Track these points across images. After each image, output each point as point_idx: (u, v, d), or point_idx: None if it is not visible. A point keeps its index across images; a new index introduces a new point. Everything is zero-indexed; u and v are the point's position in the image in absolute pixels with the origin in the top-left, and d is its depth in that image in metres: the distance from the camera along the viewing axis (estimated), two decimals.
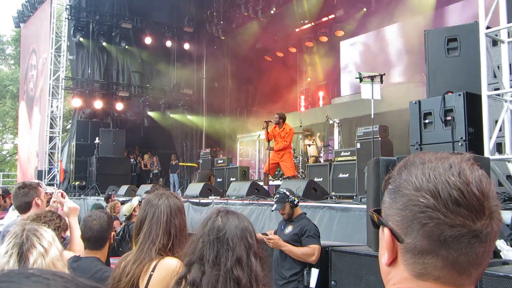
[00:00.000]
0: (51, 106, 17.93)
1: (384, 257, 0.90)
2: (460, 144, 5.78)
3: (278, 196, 4.53)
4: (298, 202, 4.55)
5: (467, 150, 5.64)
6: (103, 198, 12.04)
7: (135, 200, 6.62)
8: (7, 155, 37.20)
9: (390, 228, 0.88)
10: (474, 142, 5.68)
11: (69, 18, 17.95)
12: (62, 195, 3.62)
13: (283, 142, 9.73)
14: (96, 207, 6.82)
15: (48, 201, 4.09)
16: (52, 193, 4.22)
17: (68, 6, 17.91)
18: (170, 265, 2.13)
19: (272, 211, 4.71)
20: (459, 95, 5.85)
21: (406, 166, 0.89)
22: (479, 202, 0.81)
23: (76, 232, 3.22)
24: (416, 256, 0.84)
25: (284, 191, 4.52)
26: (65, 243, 3.08)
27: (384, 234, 0.90)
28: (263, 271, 1.68)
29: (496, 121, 5.05)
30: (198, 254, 1.66)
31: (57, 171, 17.49)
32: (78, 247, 3.09)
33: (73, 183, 16.25)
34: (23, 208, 3.58)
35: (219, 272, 1.61)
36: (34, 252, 1.77)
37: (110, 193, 10.71)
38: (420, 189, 0.83)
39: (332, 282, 4.30)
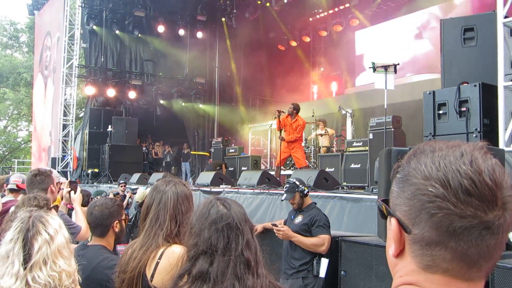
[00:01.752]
0: (65, 94, 18.05)
1: (391, 248, 0.88)
2: (474, 135, 5.69)
3: (288, 185, 4.51)
4: (308, 192, 4.52)
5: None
6: (116, 186, 12.17)
7: (148, 188, 6.69)
8: (22, 143, 37.69)
9: (398, 218, 0.85)
10: (489, 134, 5.59)
11: (83, 6, 18.03)
12: (70, 191, 3.66)
13: (295, 134, 9.68)
14: (97, 194, 6.85)
15: (58, 190, 4.13)
16: (62, 182, 4.26)
17: None
18: (177, 253, 2.12)
19: (282, 200, 4.69)
20: (475, 85, 5.75)
21: (415, 154, 0.85)
22: (492, 192, 0.77)
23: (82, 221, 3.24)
24: (424, 247, 0.82)
25: (294, 180, 4.50)
26: (72, 232, 3.10)
27: (392, 225, 0.87)
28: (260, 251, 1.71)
29: None
30: (204, 246, 1.62)
31: (71, 158, 17.66)
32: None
33: (86, 170, 16.41)
34: None
35: (230, 258, 1.59)
36: (39, 238, 1.77)
37: (120, 182, 10.83)
38: (429, 177, 0.80)
39: (342, 272, 4.28)
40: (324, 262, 4.22)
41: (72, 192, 3.58)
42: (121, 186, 10.16)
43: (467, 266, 0.80)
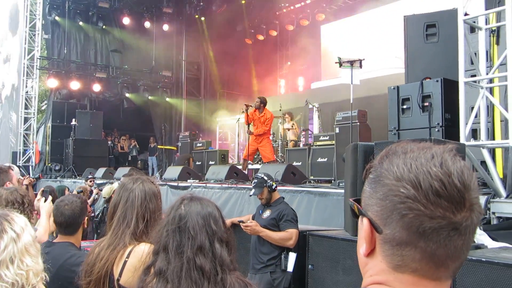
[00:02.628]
0: (26, 86, 17.49)
1: (362, 247, 0.89)
2: (436, 130, 5.85)
3: (256, 181, 4.53)
4: (276, 186, 4.55)
5: (443, 136, 5.72)
6: (80, 181, 11.93)
7: (115, 183, 6.57)
8: None
9: (369, 218, 0.86)
10: (450, 128, 5.76)
11: None
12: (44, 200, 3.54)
13: (263, 127, 9.72)
14: (59, 189, 6.68)
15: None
16: (25, 178, 4.15)
17: None
18: (145, 251, 2.11)
19: (250, 196, 4.71)
20: (437, 81, 5.91)
21: (387, 155, 0.87)
22: (460, 194, 0.80)
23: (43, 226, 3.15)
24: (394, 247, 0.83)
25: (262, 175, 4.52)
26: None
27: (363, 225, 0.88)
28: (230, 256, 1.67)
29: (472, 108, 5.11)
30: (163, 243, 1.66)
31: (33, 152, 17.16)
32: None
33: (49, 165, 16.00)
34: None
35: (182, 262, 1.60)
36: (5, 237, 1.73)
37: (88, 176, 10.61)
38: (401, 179, 0.81)
39: (309, 266, 4.33)
40: (292, 256, 4.27)
41: (42, 199, 3.49)
42: (90, 181, 9.93)
43: (435, 266, 0.82)
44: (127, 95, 18.64)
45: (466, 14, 5.44)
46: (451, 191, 0.80)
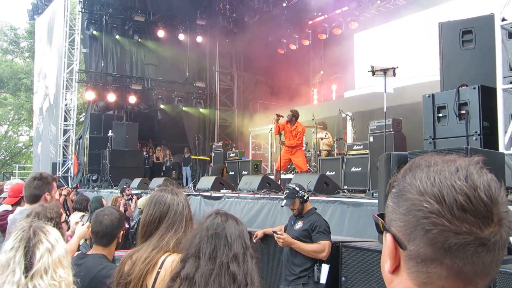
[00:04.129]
0: (65, 99, 18.06)
1: (387, 264, 0.87)
2: (474, 138, 5.69)
3: (287, 191, 4.50)
4: (307, 197, 4.51)
5: (481, 144, 5.55)
6: (117, 191, 12.16)
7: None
8: (23, 147, 37.70)
9: (393, 234, 0.84)
10: (489, 137, 5.59)
11: (83, 11, 18.06)
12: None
13: (294, 141, 9.67)
14: (94, 200, 6.81)
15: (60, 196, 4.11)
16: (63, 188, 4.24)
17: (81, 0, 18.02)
18: (175, 260, 2.12)
19: (282, 206, 4.68)
20: (474, 88, 5.76)
21: (411, 169, 0.85)
22: (487, 208, 0.77)
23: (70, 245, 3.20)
24: (419, 264, 0.81)
25: (294, 186, 4.49)
26: None
27: (387, 240, 0.86)
28: (258, 276, 1.71)
29: None
30: (194, 249, 1.70)
31: (71, 163, 17.66)
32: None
33: (86, 175, 16.41)
34: (31, 199, 3.58)
35: (214, 266, 1.64)
36: (41, 247, 1.78)
37: (124, 186, 10.75)
38: (424, 193, 0.79)
39: (343, 278, 4.27)
40: (325, 268, 4.21)
41: (80, 223, 3.55)
42: (127, 191, 9.92)
43: (463, 283, 0.79)
44: (162, 106, 18.97)
45: (503, 20, 5.30)
46: (477, 205, 0.77)
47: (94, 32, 18.17)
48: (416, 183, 0.81)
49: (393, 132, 8.69)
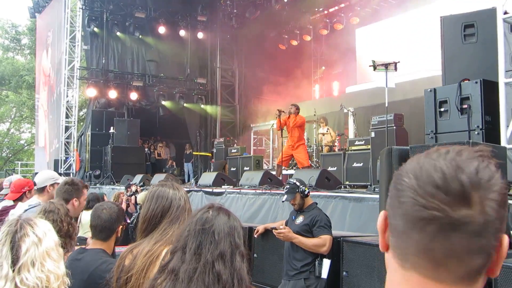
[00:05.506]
0: (67, 96, 18.06)
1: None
2: (476, 132, 5.66)
3: (288, 186, 4.50)
4: (308, 192, 4.50)
5: (483, 139, 5.53)
6: (119, 187, 12.17)
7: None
8: (25, 145, 37.78)
9: (386, 210, 0.86)
10: (491, 131, 5.57)
11: (83, 8, 18.04)
12: None
13: (297, 131, 9.69)
14: (92, 197, 6.74)
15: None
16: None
17: None
18: None
19: (283, 201, 4.67)
20: (476, 82, 5.73)
21: (413, 156, 0.87)
22: (464, 189, 0.75)
23: None
24: (396, 238, 0.82)
25: (295, 181, 4.48)
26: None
27: (379, 217, 0.88)
28: (248, 275, 1.65)
29: None
30: (182, 242, 1.65)
31: (73, 160, 17.69)
32: None
33: (89, 172, 16.43)
34: None
35: (199, 263, 1.59)
36: (27, 240, 1.78)
37: (130, 183, 10.73)
38: (408, 170, 0.81)
39: (344, 273, 4.27)
40: (326, 263, 4.21)
41: None
42: (133, 187, 9.79)
43: (434, 264, 0.78)
44: (163, 102, 18.95)
45: (505, 13, 5.27)
46: (452, 184, 0.76)
47: (95, 29, 18.15)
48: (407, 165, 0.84)
49: (394, 127, 8.67)
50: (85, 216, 5.57)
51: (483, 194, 0.76)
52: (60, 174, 13.87)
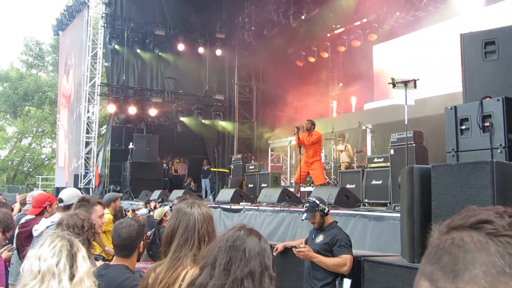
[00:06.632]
0: (87, 112, 18.35)
1: None
2: (499, 151, 5.57)
3: (307, 204, 4.47)
4: (328, 210, 4.47)
5: (506, 157, 5.43)
6: (137, 203, 12.24)
7: (167, 206, 6.71)
8: (46, 159, 38.35)
9: None
10: None
11: (105, 26, 18.42)
12: None
13: (313, 148, 9.65)
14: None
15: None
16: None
17: (104, 15, 18.40)
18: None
19: (302, 220, 4.64)
20: (498, 100, 5.65)
21: None
22: None
23: None
24: None
25: (314, 199, 4.45)
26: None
27: None
28: None
29: None
30: (211, 258, 1.65)
31: (93, 175, 17.88)
32: None
33: (107, 187, 16.57)
34: None
35: (227, 279, 1.57)
36: (79, 255, 1.83)
37: (149, 199, 10.78)
38: None
39: None
40: (347, 283, 4.15)
41: None
42: (152, 204, 9.85)
43: None
44: (181, 118, 19.13)
45: None
46: None
47: (116, 46, 18.50)
48: None
49: (414, 144, 8.58)
50: None
51: None
52: (79, 189, 14.06)
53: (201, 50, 19.76)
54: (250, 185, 12.79)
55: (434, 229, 0.82)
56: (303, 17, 17.42)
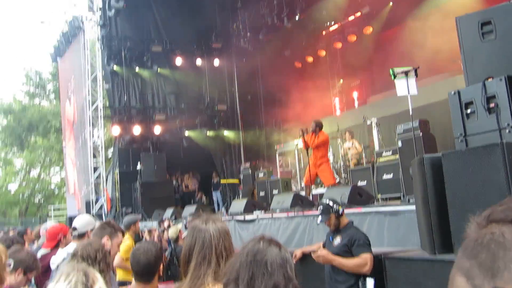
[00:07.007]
0: (92, 136, 18.36)
1: None
2: (507, 131, 5.48)
3: (321, 207, 4.42)
4: (343, 211, 4.41)
5: None
6: (151, 223, 12.21)
7: (180, 224, 6.68)
8: (56, 188, 38.51)
9: None
10: None
11: (102, 48, 18.46)
12: None
13: (320, 150, 9.59)
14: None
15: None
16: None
17: (100, 36, 18.44)
18: None
19: (318, 224, 4.58)
20: (500, 80, 5.58)
21: None
22: None
23: None
24: None
25: (327, 201, 4.40)
26: None
27: None
28: None
29: None
30: (234, 274, 1.61)
31: (104, 200, 17.85)
32: None
33: (118, 210, 16.56)
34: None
35: None
36: (96, 287, 1.80)
37: (163, 218, 10.73)
38: None
39: None
40: (370, 283, 4.09)
41: None
42: (166, 222, 9.80)
43: None
44: (186, 133, 19.11)
45: None
46: None
47: (115, 67, 18.53)
48: None
49: (421, 133, 8.48)
50: None
51: None
52: (92, 216, 14.05)
53: (199, 61, 19.76)
54: (261, 193, 12.71)
55: (471, 220, 0.78)
56: (297, 18, 17.42)
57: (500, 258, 0.69)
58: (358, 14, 16.87)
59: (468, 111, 5.92)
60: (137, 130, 18.11)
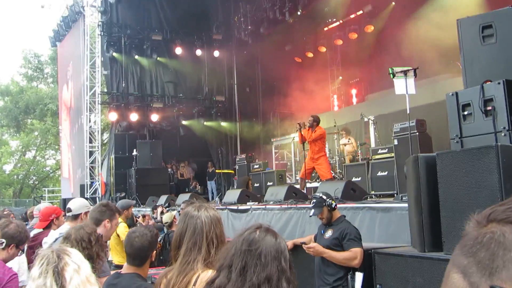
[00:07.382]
0: (89, 121, 18.37)
1: None
2: (503, 134, 5.54)
3: (314, 200, 4.47)
4: (335, 205, 4.46)
5: (511, 140, 5.41)
6: (145, 209, 12.25)
7: (175, 211, 6.73)
8: (51, 171, 38.47)
9: None
10: None
11: (102, 34, 18.41)
12: None
13: (317, 145, 9.63)
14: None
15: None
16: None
17: (100, 23, 18.38)
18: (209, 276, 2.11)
19: (310, 216, 4.64)
20: (499, 83, 5.62)
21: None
22: None
23: None
24: None
25: (321, 195, 4.45)
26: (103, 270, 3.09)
27: None
28: None
29: None
30: (228, 260, 1.62)
31: (98, 184, 17.90)
32: None
33: (113, 196, 16.60)
34: (93, 222, 3.65)
35: (244, 284, 1.55)
36: (69, 269, 1.81)
37: (156, 204, 10.79)
38: None
39: (377, 286, 4.19)
40: (359, 276, 4.15)
41: None
42: (159, 209, 9.81)
43: None
44: (183, 122, 19.13)
45: None
46: None
47: (114, 54, 18.50)
48: None
49: (417, 133, 8.55)
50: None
51: None
52: (86, 199, 14.07)
53: (199, 52, 19.76)
54: (256, 185, 12.79)
55: (471, 218, 0.78)
56: (299, 13, 17.38)
57: (499, 257, 0.69)
58: (360, 12, 16.86)
59: (465, 112, 5.97)
60: (134, 117, 18.12)
